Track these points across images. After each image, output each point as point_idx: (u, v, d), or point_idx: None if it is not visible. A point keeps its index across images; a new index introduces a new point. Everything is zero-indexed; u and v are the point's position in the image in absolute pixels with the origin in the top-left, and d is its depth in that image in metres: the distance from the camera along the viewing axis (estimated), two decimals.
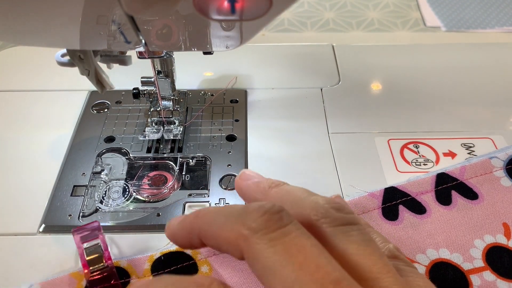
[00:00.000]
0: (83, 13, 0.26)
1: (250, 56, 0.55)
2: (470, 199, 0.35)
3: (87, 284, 0.30)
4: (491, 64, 0.54)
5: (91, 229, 0.32)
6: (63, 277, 0.31)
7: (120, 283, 0.30)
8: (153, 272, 0.31)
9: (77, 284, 0.30)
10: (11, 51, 0.56)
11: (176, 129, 0.43)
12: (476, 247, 0.33)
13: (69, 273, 0.31)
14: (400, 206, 0.35)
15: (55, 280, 0.31)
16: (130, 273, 0.31)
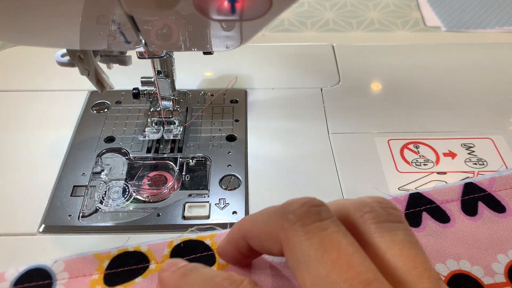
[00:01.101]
0: (83, 13, 0.26)
1: (250, 56, 0.55)
2: (498, 212, 0.34)
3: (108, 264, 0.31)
4: (491, 64, 0.54)
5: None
6: (86, 256, 0.32)
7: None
8: (170, 258, 0.32)
9: (99, 265, 0.31)
10: (11, 51, 0.56)
11: (176, 129, 0.43)
12: (499, 262, 0.32)
13: (93, 253, 0.32)
14: (424, 213, 0.34)
15: (79, 259, 0.32)
16: (150, 258, 0.32)
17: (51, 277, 0.31)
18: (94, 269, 0.31)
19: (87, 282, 0.30)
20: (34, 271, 0.31)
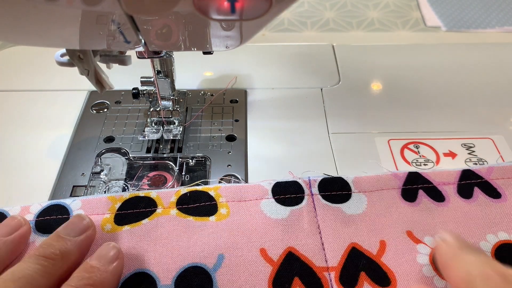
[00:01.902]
0: (83, 13, 0.26)
1: (250, 56, 0.55)
2: (493, 197, 0.35)
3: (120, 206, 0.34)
4: (491, 64, 0.54)
5: None
6: (101, 198, 0.35)
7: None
8: (178, 205, 0.34)
9: (111, 206, 0.34)
10: (11, 51, 0.56)
11: (176, 129, 0.43)
12: (488, 241, 0.33)
13: (107, 196, 0.35)
14: (420, 191, 0.35)
15: (94, 200, 0.35)
16: (158, 203, 0.34)
17: (69, 212, 0.34)
18: (106, 209, 0.34)
19: (99, 220, 0.33)
20: (55, 207, 0.34)
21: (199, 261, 0.31)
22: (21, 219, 0.32)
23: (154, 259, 0.31)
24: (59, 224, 0.31)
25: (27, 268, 0.27)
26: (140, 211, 0.34)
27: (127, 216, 0.34)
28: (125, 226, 0.33)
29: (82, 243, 0.30)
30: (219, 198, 0.35)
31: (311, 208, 0.34)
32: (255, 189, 0.35)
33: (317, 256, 0.32)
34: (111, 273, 0.28)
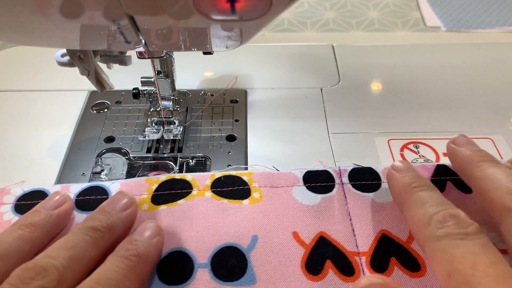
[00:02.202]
0: (83, 13, 0.26)
1: (250, 56, 0.55)
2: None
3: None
4: (491, 64, 0.54)
5: None
6: (139, 181, 0.36)
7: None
8: (212, 188, 0.36)
9: (148, 187, 0.35)
10: (11, 51, 0.56)
11: (176, 129, 0.43)
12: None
13: (145, 178, 0.36)
14: (448, 183, 0.36)
15: (132, 182, 0.36)
16: (193, 186, 0.36)
17: (108, 193, 0.35)
18: (144, 191, 0.35)
19: (137, 200, 0.34)
20: (94, 188, 0.35)
21: (234, 241, 0.32)
22: (65, 195, 0.33)
23: (190, 238, 0.32)
24: (98, 204, 0.33)
25: (78, 239, 0.28)
26: (176, 192, 0.35)
27: (163, 197, 0.35)
28: (162, 206, 0.34)
29: (126, 218, 0.32)
30: (252, 183, 0.36)
31: (341, 196, 0.35)
32: (287, 177, 0.37)
33: (348, 241, 0.32)
34: (153, 246, 0.30)
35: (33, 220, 0.30)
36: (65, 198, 0.33)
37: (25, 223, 0.30)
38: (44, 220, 0.31)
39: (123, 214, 0.32)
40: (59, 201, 0.33)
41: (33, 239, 0.30)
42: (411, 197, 0.31)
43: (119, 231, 0.31)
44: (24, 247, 0.29)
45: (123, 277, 0.27)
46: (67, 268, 0.26)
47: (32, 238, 0.29)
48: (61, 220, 0.32)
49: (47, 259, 0.26)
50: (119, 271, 0.27)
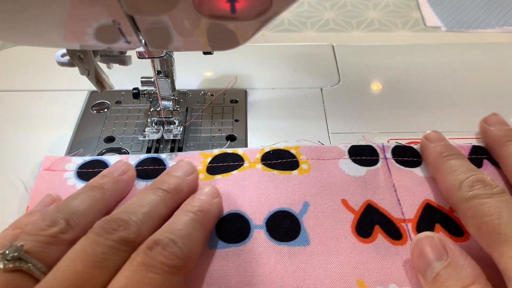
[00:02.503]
0: (83, 13, 0.26)
1: (250, 56, 0.55)
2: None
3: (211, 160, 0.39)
4: (491, 64, 0.54)
5: None
6: (193, 154, 0.40)
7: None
8: (262, 161, 0.38)
9: (203, 160, 0.39)
10: (11, 51, 0.56)
11: (176, 129, 0.43)
12: None
13: (199, 152, 0.40)
14: (485, 160, 0.39)
15: (187, 155, 0.39)
16: (244, 159, 0.39)
17: (165, 164, 0.39)
18: (199, 162, 0.38)
19: None
20: (151, 158, 0.39)
21: (287, 206, 0.35)
22: (128, 163, 0.37)
23: (245, 203, 0.35)
24: (157, 174, 0.36)
25: (150, 198, 0.31)
26: (229, 164, 0.38)
27: (218, 168, 0.38)
28: (217, 176, 0.37)
29: (190, 182, 0.35)
30: (300, 155, 0.39)
31: (385, 169, 0.38)
32: (333, 150, 0.39)
33: (394, 209, 0.35)
34: (215, 205, 0.33)
35: (102, 183, 0.33)
36: (129, 166, 0.36)
37: (96, 185, 0.33)
38: (112, 184, 0.34)
39: (187, 179, 0.35)
40: (123, 169, 0.36)
41: (104, 199, 0.33)
42: (443, 165, 0.35)
43: (184, 193, 0.34)
44: (96, 207, 0.32)
45: (192, 229, 0.30)
46: (143, 222, 0.29)
47: (104, 199, 0.33)
48: (126, 185, 0.35)
49: (127, 213, 0.29)
50: (188, 223, 0.30)
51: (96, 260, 0.26)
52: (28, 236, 0.28)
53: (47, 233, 0.28)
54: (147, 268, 0.26)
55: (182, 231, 0.29)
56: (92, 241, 0.27)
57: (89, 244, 0.27)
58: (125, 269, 0.26)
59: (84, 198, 0.32)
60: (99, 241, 0.27)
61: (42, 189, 0.36)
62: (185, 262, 0.27)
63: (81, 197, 0.32)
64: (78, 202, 0.31)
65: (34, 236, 0.28)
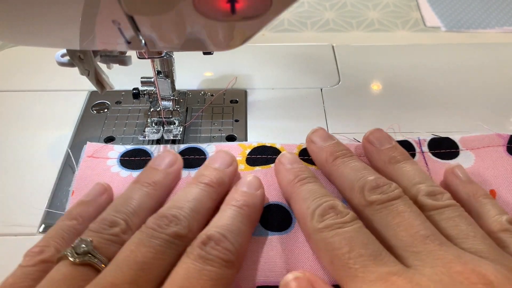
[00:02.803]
0: (83, 13, 0.26)
1: (250, 56, 0.55)
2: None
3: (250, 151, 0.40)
4: (491, 64, 0.54)
5: None
6: (232, 144, 0.41)
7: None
8: (300, 156, 0.40)
9: (242, 151, 0.40)
10: (11, 51, 0.56)
11: (176, 129, 0.43)
12: None
13: (238, 143, 0.41)
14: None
15: (227, 145, 0.41)
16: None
17: (205, 154, 0.40)
18: (238, 153, 0.40)
19: None
20: (192, 148, 0.40)
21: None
22: (176, 154, 0.37)
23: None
24: (198, 163, 0.38)
25: (196, 192, 0.32)
26: (268, 157, 0.39)
27: (257, 160, 0.39)
28: (257, 167, 0.38)
29: (231, 173, 0.35)
30: None
31: (422, 163, 0.39)
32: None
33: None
34: (259, 197, 0.33)
35: (155, 179, 0.34)
36: (177, 157, 0.37)
37: (147, 181, 0.34)
38: (164, 178, 0.35)
39: (229, 170, 0.35)
40: (172, 160, 0.36)
41: (156, 195, 0.34)
42: (296, 190, 0.33)
43: (227, 185, 0.35)
44: (149, 203, 0.33)
45: (240, 223, 0.30)
46: (193, 217, 0.30)
47: (155, 195, 0.34)
48: (175, 178, 0.36)
49: (176, 209, 0.30)
50: (235, 218, 0.30)
51: (154, 252, 0.27)
52: (91, 232, 0.29)
53: (110, 232, 0.29)
54: (204, 261, 0.27)
55: (231, 226, 0.29)
56: (148, 235, 0.28)
57: (146, 238, 0.28)
58: (183, 261, 0.27)
59: (138, 196, 0.33)
60: (154, 235, 0.28)
61: (87, 175, 0.38)
62: (237, 256, 0.28)
63: (135, 195, 0.33)
64: (134, 202, 0.32)
65: (97, 233, 0.29)
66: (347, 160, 0.35)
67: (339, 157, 0.36)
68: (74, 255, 0.27)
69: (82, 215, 0.32)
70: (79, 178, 0.37)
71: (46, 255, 0.29)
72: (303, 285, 0.28)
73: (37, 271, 0.28)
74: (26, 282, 0.27)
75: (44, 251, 0.29)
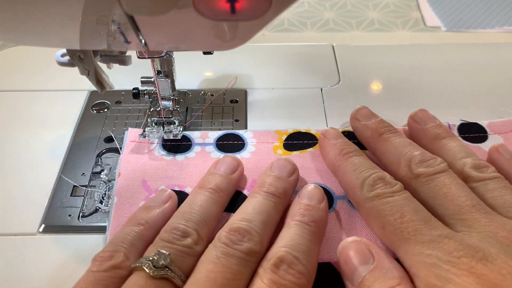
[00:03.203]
0: (83, 13, 0.26)
1: (250, 56, 0.55)
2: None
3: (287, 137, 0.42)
4: (491, 64, 0.54)
5: None
6: (269, 131, 0.42)
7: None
8: None
9: (279, 137, 0.42)
10: (11, 51, 0.56)
11: (176, 129, 0.43)
12: None
13: (274, 130, 0.42)
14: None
15: (263, 132, 0.42)
16: (318, 138, 0.40)
17: (243, 140, 0.41)
18: (275, 139, 0.41)
19: (270, 147, 0.41)
20: (230, 134, 0.42)
21: None
22: (238, 159, 0.37)
23: (325, 176, 0.38)
24: (234, 148, 0.40)
25: (264, 203, 0.32)
26: (304, 142, 0.41)
27: (294, 145, 0.41)
28: (294, 152, 0.40)
29: (294, 182, 0.35)
30: None
31: None
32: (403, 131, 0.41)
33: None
34: (324, 211, 0.33)
35: (222, 186, 0.34)
36: (239, 162, 0.37)
37: (212, 187, 0.34)
38: (228, 184, 0.35)
39: (292, 179, 0.35)
40: (234, 166, 0.36)
41: (220, 202, 0.34)
42: (344, 163, 0.35)
43: (291, 194, 0.34)
44: (215, 210, 0.33)
45: (309, 242, 0.29)
46: (263, 231, 0.30)
47: (220, 201, 0.34)
48: (237, 182, 0.36)
49: (247, 223, 0.30)
50: (305, 236, 0.30)
51: (232, 273, 0.27)
52: (163, 242, 0.29)
53: (184, 243, 0.29)
54: (279, 287, 0.26)
55: (302, 246, 0.29)
56: (223, 252, 0.28)
57: (222, 256, 0.28)
58: (257, 286, 0.27)
59: (205, 203, 0.32)
60: (230, 252, 0.28)
61: (131, 158, 0.39)
62: (309, 279, 0.28)
63: (202, 202, 0.32)
64: (201, 209, 0.32)
65: (170, 244, 0.29)
66: (392, 136, 0.37)
67: (384, 133, 0.37)
68: (151, 268, 0.27)
69: (148, 221, 0.32)
70: (124, 161, 0.39)
71: (116, 261, 0.28)
72: (360, 247, 0.29)
73: (109, 277, 0.28)
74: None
75: (114, 256, 0.29)
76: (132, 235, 0.30)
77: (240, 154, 0.40)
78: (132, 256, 0.29)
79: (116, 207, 0.36)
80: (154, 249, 0.29)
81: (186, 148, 0.40)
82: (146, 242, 0.30)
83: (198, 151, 0.40)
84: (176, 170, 0.38)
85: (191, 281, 0.27)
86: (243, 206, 0.32)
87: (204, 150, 0.40)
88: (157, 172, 0.38)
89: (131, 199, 0.36)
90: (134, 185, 0.37)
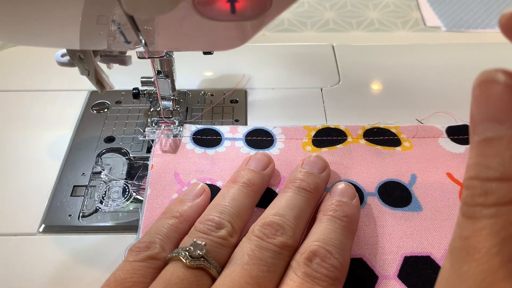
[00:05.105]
0: (83, 13, 0.26)
1: (250, 56, 0.55)
2: None
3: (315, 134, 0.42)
4: (491, 64, 0.53)
5: None
6: (297, 127, 0.42)
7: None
8: (365, 137, 0.41)
9: (307, 133, 0.42)
10: (11, 51, 0.56)
11: (176, 129, 0.43)
12: None
13: (303, 126, 0.43)
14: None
15: (291, 128, 0.42)
16: (347, 134, 0.41)
17: (272, 136, 0.42)
18: (304, 135, 0.42)
19: (299, 143, 0.41)
20: (259, 130, 0.42)
21: (396, 177, 0.38)
22: (270, 156, 0.37)
23: (355, 173, 0.38)
24: (262, 144, 0.41)
25: (297, 199, 0.32)
26: (333, 138, 0.41)
27: (323, 141, 0.41)
28: (323, 148, 0.40)
29: (326, 178, 0.36)
30: (401, 134, 0.42)
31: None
32: (431, 129, 0.42)
33: None
34: (356, 207, 0.33)
35: (254, 181, 0.34)
36: (270, 159, 0.37)
37: (246, 182, 0.34)
38: (260, 180, 0.35)
39: (323, 175, 0.35)
40: (266, 162, 0.37)
41: (253, 197, 0.34)
42: None
43: (323, 190, 0.35)
44: (248, 204, 0.33)
45: (342, 237, 0.30)
46: (296, 225, 0.30)
47: (252, 196, 0.34)
48: (269, 178, 0.37)
49: (280, 217, 0.30)
50: (337, 231, 0.30)
51: (267, 265, 0.27)
52: (199, 233, 0.30)
53: (219, 235, 0.30)
54: (312, 280, 0.27)
55: (335, 241, 0.29)
56: (258, 245, 0.28)
57: (257, 248, 0.28)
58: (291, 279, 0.27)
59: (239, 197, 0.33)
60: (263, 245, 0.28)
61: (163, 151, 0.40)
62: (342, 273, 0.28)
63: (236, 195, 0.33)
64: (235, 202, 0.32)
65: (206, 235, 0.29)
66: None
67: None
68: (188, 258, 0.27)
69: (182, 214, 0.32)
70: (156, 155, 0.40)
71: (153, 251, 0.29)
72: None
73: (145, 267, 0.28)
74: (136, 277, 0.27)
75: (150, 247, 0.29)
76: (167, 227, 0.31)
77: (270, 150, 0.40)
78: (168, 248, 0.30)
79: (149, 199, 0.36)
80: (190, 239, 0.29)
81: (217, 142, 0.41)
82: (181, 235, 0.31)
83: (228, 145, 0.41)
84: (207, 164, 0.39)
85: (227, 272, 0.27)
86: (276, 201, 0.33)
87: (234, 145, 0.41)
88: (189, 165, 0.39)
89: (164, 191, 0.37)
90: (166, 177, 0.38)
